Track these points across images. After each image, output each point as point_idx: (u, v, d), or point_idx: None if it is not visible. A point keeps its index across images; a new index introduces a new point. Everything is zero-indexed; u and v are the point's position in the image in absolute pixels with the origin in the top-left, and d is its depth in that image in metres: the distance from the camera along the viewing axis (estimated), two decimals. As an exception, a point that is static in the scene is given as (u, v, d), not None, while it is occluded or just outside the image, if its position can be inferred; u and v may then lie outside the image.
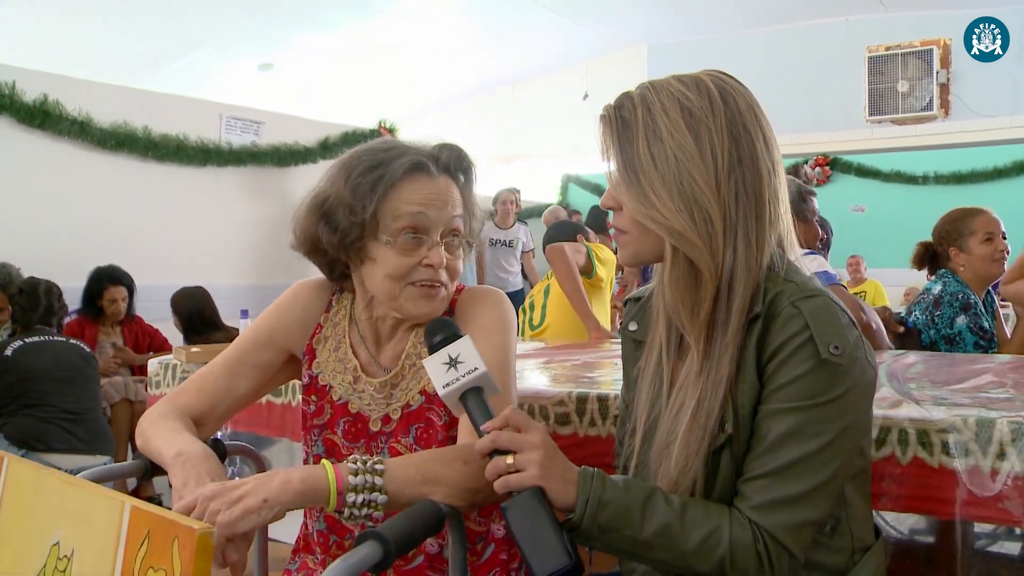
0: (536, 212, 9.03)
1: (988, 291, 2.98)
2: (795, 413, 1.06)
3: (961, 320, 2.79)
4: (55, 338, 3.78)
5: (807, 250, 2.74)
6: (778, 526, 1.05)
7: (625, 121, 1.14)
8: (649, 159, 1.11)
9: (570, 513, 1.07)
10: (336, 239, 1.33)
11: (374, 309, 1.41)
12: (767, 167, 1.13)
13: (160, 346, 4.92)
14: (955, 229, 2.93)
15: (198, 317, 4.62)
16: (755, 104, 1.15)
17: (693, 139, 1.10)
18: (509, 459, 1.06)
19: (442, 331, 1.15)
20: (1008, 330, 3.10)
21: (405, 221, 1.31)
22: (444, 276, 1.35)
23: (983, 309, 2.87)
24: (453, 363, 1.11)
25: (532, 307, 3.85)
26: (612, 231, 1.25)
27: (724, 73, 1.17)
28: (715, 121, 1.11)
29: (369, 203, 1.31)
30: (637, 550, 1.08)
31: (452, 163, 1.38)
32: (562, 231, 4.08)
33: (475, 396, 1.11)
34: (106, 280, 4.74)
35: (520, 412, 1.10)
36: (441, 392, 1.11)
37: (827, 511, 1.09)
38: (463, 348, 1.11)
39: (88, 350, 3.90)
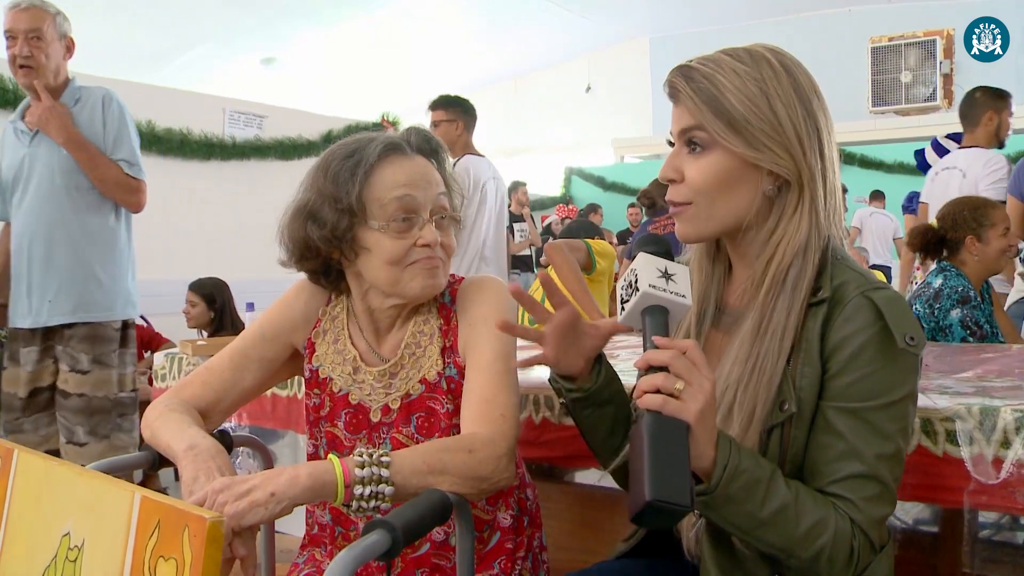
0: (540, 206, 9.02)
1: (986, 282, 2.98)
2: (878, 411, 1.05)
3: (955, 313, 2.79)
4: None
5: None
6: (871, 522, 1.05)
7: (702, 87, 1.10)
8: (745, 109, 1.08)
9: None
10: (327, 233, 1.33)
11: (370, 301, 1.41)
12: (830, 142, 1.12)
13: (158, 348, 4.84)
14: (975, 218, 2.90)
15: (228, 309, 4.55)
16: (814, 83, 1.13)
17: (786, 101, 1.09)
18: (680, 384, 0.97)
19: (660, 245, 1.10)
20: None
21: (394, 205, 1.32)
22: (440, 253, 1.36)
23: (981, 303, 2.87)
24: (667, 276, 1.05)
25: (530, 303, 3.89)
26: (671, 208, 1.20)
27: (776, 48, 1.15)
28: (784, 89, 1.09)
29: (352, 188, 1.32)
30: (750, 527, 1.02)
31: (422, 144, 1.40)
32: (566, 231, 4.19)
33: (661, 314, 1.04)
34: None
35: (701, 351, 1.01)
36: (643, 288, 1.04)
37: (895, 502, 1.09)
38: (681, 273, 1.06)
39: None
